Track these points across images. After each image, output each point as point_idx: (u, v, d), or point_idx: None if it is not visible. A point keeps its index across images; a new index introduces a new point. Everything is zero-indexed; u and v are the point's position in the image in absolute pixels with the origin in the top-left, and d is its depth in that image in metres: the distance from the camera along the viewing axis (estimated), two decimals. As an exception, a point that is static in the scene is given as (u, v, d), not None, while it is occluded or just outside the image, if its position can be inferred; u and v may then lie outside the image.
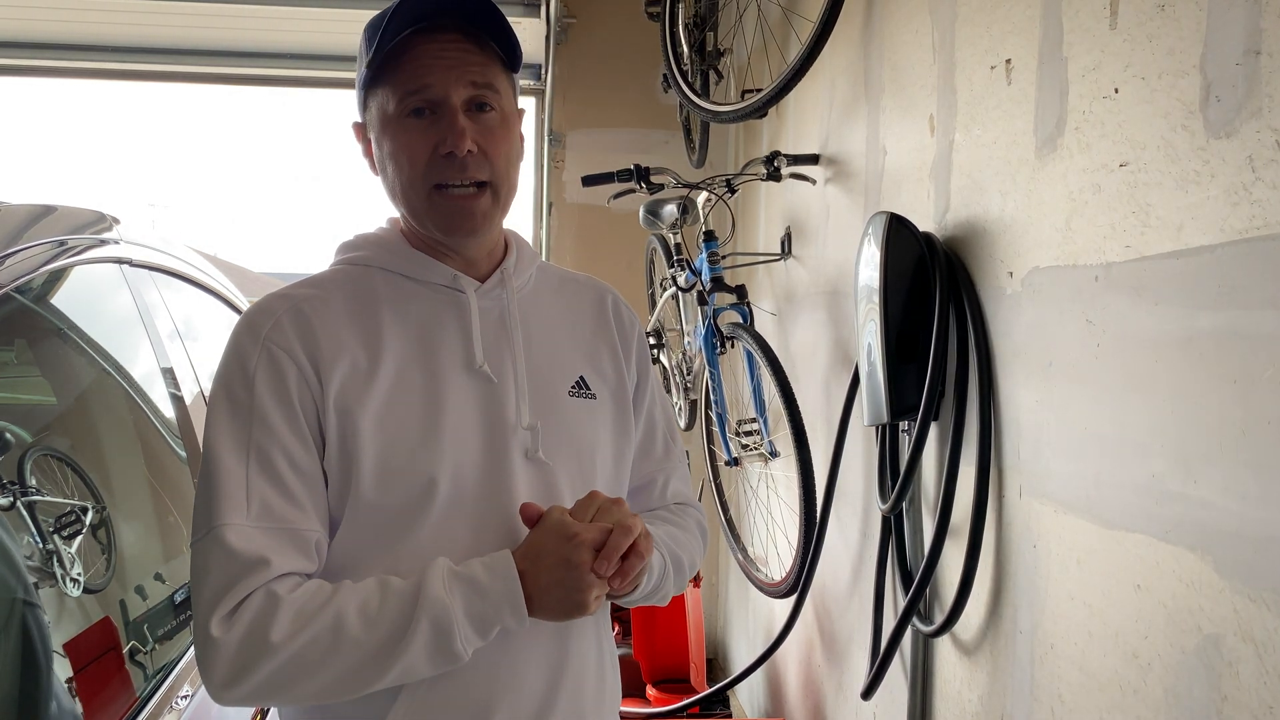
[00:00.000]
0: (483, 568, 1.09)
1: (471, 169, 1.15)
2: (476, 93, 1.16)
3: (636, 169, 2.78)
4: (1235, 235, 1.02)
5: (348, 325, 1.17)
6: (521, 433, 1.20)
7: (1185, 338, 1.10)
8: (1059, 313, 1.37)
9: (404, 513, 1.14)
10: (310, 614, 1.05)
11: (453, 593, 1.07)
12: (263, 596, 1.05)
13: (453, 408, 1.17)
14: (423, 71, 1.14)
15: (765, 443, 2.72)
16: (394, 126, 1.16)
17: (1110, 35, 1.25)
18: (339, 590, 1.08)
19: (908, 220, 1.73)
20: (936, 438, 1.75)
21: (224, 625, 1.05)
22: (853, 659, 2.35)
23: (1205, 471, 1.06)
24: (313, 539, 1.12)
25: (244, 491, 1.09)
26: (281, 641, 1.03)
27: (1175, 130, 1.12)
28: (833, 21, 2.12)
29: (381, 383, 1.15)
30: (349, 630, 1.05)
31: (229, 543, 1.06)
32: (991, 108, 1.59)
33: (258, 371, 1.12)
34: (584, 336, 1.32)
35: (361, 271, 1.23)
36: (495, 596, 1.08)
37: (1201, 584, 1.07)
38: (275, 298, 1.19)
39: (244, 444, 1.11)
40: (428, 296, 1.22)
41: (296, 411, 1.12)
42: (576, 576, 1.09)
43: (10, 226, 1.43)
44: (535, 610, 1.10)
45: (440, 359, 1.19)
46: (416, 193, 1.17)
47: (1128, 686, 1.21)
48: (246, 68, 4.65)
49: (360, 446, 1.13)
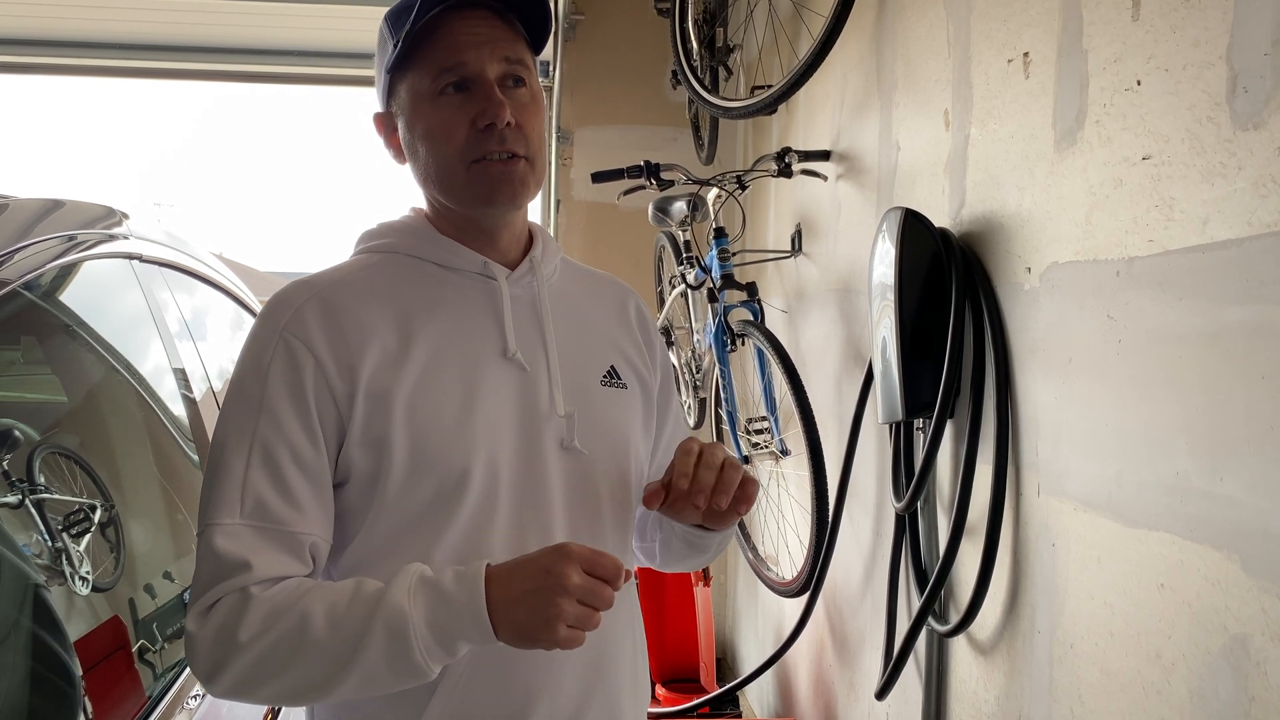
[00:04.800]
0: (453, 576, 1.03)
1: (510, 141, 1.15)
2: (510, 68, 1.16)
3: (646, 165, 2.77)
4: (1263, 229, 1.00)
5: (376, 311, 1.15)
6: (557, 421, 1.19)
7: (1211, 333, 1.08)
8: (1079, 309, 1.36)
9: (436, 502, 1.12)
10: (279, 613, 1.03)
11: (415, 600, 1.02)
12: (237, 595, 1.05)
13: (487, 395, 1.15)
14: (457, 48, 1.14)
15: (776, 441, 2.71)
16: (429, 105, 1.16)
17: (1132, 27, 1.24)
18: (312, 590, 1.05)
19: (923, 216, 1.72)
20: (952, 435, 1.74)
21: (199, 621, 1.05)
22: (865, 659, 2.33)
23: (1232, 468, 1.05)
24: (307, 541, 1.09)
25: (239, 490, 1.07)
26: (248, 640, 1.02)
27: (1201, 122, 1.11)
28: (845, 16, 2.11)
29: (413, 369, 1.13)
30: (313, 632, 1.02)
31: (215, 543, 1.06)
32: (1009, 101, 1.57)
33: (272, 364, 1.10)
34: (611, 329, 1.31)
35: (388, 259, 1.22)
36: (458, 607, 1.01)
37: (1228, 583, 1.05)
38: (297, 286, 1.17)
39: (247, 439, 1.09)
40: (458, 283, 1.20)
41: (309, 407, 1.10)
42: (551, 585, 0.99)
43: (19, 221, 1.42)
44: (499, 625, 1.01)
45: (472, 346, 1.17)
46: (455, 169, 1.16)
47: (1150, 687, 1.19)
48: (254, 65, 4.64)
49: (393, 433, 1.10)
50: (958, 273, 1.64)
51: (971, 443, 1.62)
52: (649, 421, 1.31)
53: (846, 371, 2.45)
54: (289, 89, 5.36)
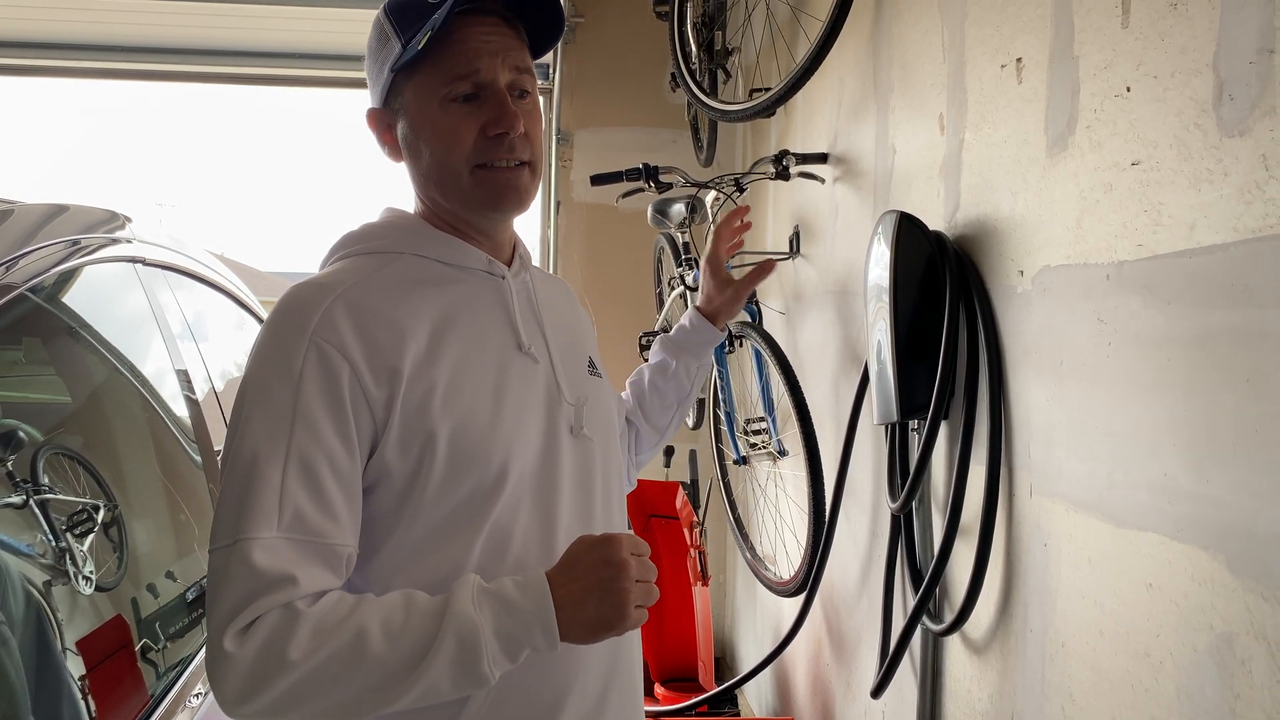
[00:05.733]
0: (514, 585, 1.05)
1: (519, 149, 1.17)
2: (518, 77, 1.18)
3: (645, 168, 2.78)
4: (1248, 234, 1.02)
5: (404, 311, 1.14)
6: (566, 408, 1.23)
7: (1198, 336, 1.10)
8: (1070, 311, 1.37)
9: (473, 499, 1.12)
10: (330, 629, 1.01)
11: (482, 609, 1.02)
12: (281, 611, 1.01)
13: (512, 389, 1.18)
14: (471, 55, 1.15)
15: (773, 441, 2.72)
16: (438, 108, 1.16)
17: (1122, 34, 1.25)
18: (360, 604, 1.03)
19: (918, 219, 1.73)
20: (946, 436, 1.75)
21: (238, 640, 1.00)
22: (862, 658, 2.35)
23: (1218, 470, 1.06)
24: (344, 554, 1.07)
25: (277, 500, 1.03)
26: (300, 658, 0.99)
27: (1188, 129, 1.12)
28: (841, 20, 2.12)
29: (445, 367, 1.13)
30: (371, 646, 1.00)
31: (253, 559, 1.01)
32: (1002, 106, 1.59)
33: (305, 370, 1.06)
34: (577, 323, 1.39)
35: (394, 258, 1.20)
36: (526, 616, 1.03)
37: (1214, 582, 1.07)
38: (314, 289, 1.13)
39: (282, 448, 1.04)
40: (469, 281, 1.22)
41: (347, 414, 1.07)
42: (614, 574, 1.04)
43: (24, 226, 1.44)
44: (568, 626, 1.04)
45: (493, 341, 1.19)
46: (459, 174, 1.17)
47: (1139, 685, 1.21)
48: (253, 67, 4.66)
49: (436, 432, 1.10)
50: (952, 275, 1.66)
51: (965, 444, 1.63)
52: (620, 408, 1.44)
53: (844, 372, 2.47)
54: (291, 91, 5.37)
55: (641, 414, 1.64)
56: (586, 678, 1.18)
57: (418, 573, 1.11)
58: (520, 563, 1.13)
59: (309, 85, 4.90)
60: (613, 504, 1.29)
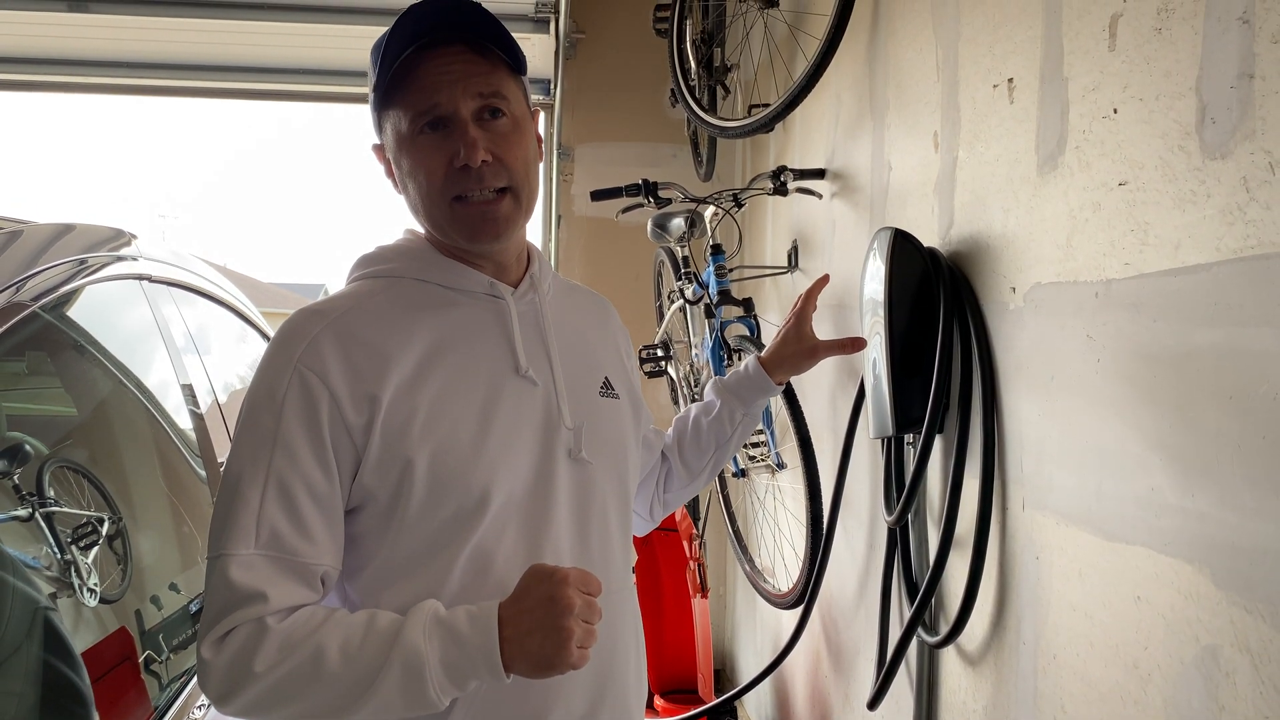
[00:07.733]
0: (466, 616, 1.09)
1: (489, 178, 1.18)
2: (485, 102, 1.18)
3: (644, 184, 2.81)
4: (1230, 254, 1.04)
5: (391, 338, 1.17)
6: (565, 433, 1.23)
7: (1183, 353, 1.12)
8: (1060, 328, 1.39)
9: (456, 521, 1.15)
10: (294, 645, 1.07)
11: (430, 639, 1.07)
12: (253, 625, 1.08)
13: (503, 413, 1.19)
14: (430, 89, 1.16)
15: (772, 454, 2.74)
16: (409, 145, 1.19)
17: (1109, 57, 1.28)
18: (326, 622, 1.09)
19: (912, 235, 1.76)
20: (941, 450, 1.77)
21: (214, 649, 1.08)
22: (859, 669, 2.36)
23: (1202, 484, 1.08)
24: (319, 571, 1.13)
25: (254, 521, 1.10)
26: (264, 671, 1.06)
27: (1172, 150, 1.15)
28: (838, 39, 2.15)
29: (429, 392, 1.16)
30: (327, 664, 1.06)
31: (230, 574, 1.08)
32: (994, 125, 1.61)
33: (287, 396, 1.12)
34: (600, 342, 1.38)
35: (394, 283, 1.24)
36: (471, 649, 1.07)
37: (1199, 596, 1.09)
38: (309, 316, 1.19)
39: (263, 471, 1.11)
40: (467, 304, 1.24)
41: (324, 439, 1.12)
42: (558, 611, 1.05)
43: (33, 246, 1.46)
44: (513, 659, 1.07)
45: (486, 365, 1.21)
46: (438, 206, 1.19)
47: (1128, 697, 1.23)
48: (254, 83, 4.71)
49: (413, 457, 1.13)
50: (946, 292, 1.68)
51: (959, 458, 1.65)
52: (637, 421, 1.39)
53: (841, 386, 2.49)
54: (292, 106, 5.42)
55: (678, 451, 1.63)
56: (574, 687, 1.19)
57: (403, 588, 1.15)
58: (503, 585, 1.15)
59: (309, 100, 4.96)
60: (612, 528, 1.29)
